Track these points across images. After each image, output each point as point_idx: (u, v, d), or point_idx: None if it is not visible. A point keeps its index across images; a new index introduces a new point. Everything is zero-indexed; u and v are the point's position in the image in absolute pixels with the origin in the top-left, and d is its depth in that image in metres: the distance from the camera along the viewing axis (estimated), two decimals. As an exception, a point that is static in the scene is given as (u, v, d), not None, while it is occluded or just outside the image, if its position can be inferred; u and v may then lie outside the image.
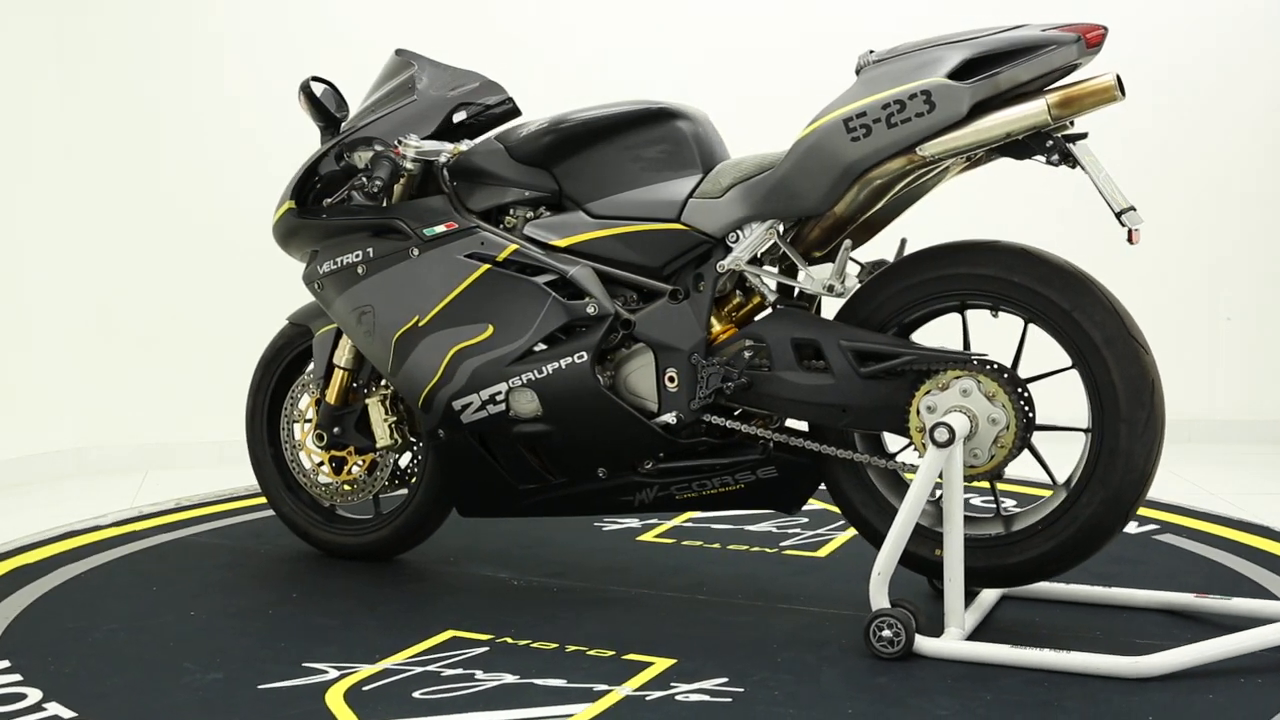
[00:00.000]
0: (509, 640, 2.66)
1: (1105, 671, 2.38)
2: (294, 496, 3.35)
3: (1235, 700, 2.28)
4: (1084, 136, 2.52)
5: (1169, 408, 2.62)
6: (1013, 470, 2.64)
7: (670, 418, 2.78)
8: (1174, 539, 3.36)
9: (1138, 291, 4.13)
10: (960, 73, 2.49)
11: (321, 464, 3.26)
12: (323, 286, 3.10)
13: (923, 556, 2.66)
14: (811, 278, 2.68)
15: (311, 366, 3.29)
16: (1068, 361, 2.60)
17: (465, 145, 3.05)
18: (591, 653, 2.57)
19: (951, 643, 2.51)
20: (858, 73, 2.63)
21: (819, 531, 3.50)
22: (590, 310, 2.80)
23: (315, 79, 2.98)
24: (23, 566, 3.27)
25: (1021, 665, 2.43)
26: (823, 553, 3.31)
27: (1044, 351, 2.69)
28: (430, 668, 2.51)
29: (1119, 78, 2.43)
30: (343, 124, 3.07)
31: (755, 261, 2.76)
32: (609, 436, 2.82)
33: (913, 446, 2.63)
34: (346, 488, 3.25)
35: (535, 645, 2.63)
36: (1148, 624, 2.69)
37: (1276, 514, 3.63)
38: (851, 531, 3.48)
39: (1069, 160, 2.51)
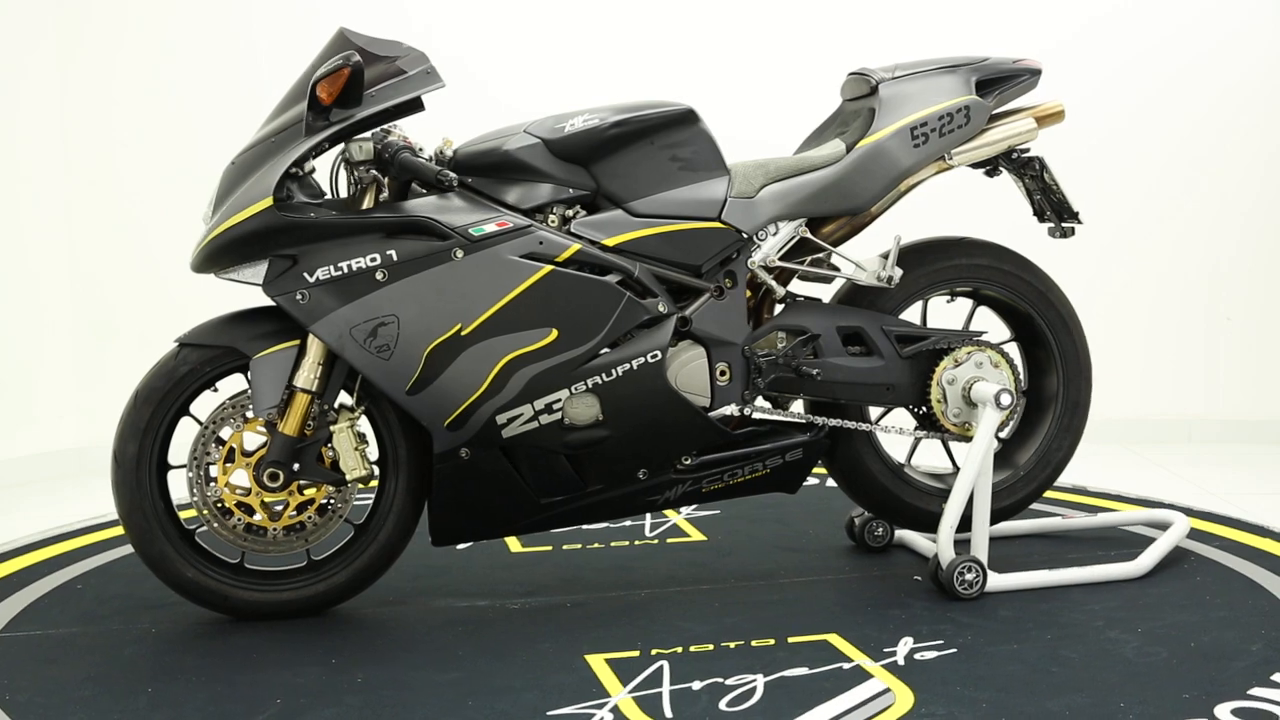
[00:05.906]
0: (661, 651, 2.56)
1: (1118, 576, 3.01)
2: (198, 558, 2.75)
3: (1210, 575, 3.03)
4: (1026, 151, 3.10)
5: (1169, 407, 3.25)
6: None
7: (730, 410, 2.85)
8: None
9: (1138, 291, 4.70)
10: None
11: (245, 507, 2.73)
12: (307, 297, 2.62)
13: (931, 511, 3.04)
14: (863, 269, 2.93)
15: (237, 394, 2.73)
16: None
17: (452, 139, 2.80)
18: (756, 644, 2.59)
19: (1011, 576, 2.94)
20: (873, 89, 2.94)
21: (648, 523, 3.64)
22: (661, 309, 2.76)
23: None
24: (23, 568, 3.20)
25: (1064, 583, 2.96)
26: (699, 537, 3.49)
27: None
28: (662, 688, 2.36)
29: None
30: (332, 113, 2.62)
31: (785, 257, 2.94)
32: (670, 436, 2.80)
33: (930, 415, 3.01)
34: (287, 535, 2.76)
35: (693, 650, 2.57)
36: (1051, 546, 3.33)
37: (1276, 514, 3.68)
38: (679, 517, 3.69)
39: (1028, 171, 3.06)
